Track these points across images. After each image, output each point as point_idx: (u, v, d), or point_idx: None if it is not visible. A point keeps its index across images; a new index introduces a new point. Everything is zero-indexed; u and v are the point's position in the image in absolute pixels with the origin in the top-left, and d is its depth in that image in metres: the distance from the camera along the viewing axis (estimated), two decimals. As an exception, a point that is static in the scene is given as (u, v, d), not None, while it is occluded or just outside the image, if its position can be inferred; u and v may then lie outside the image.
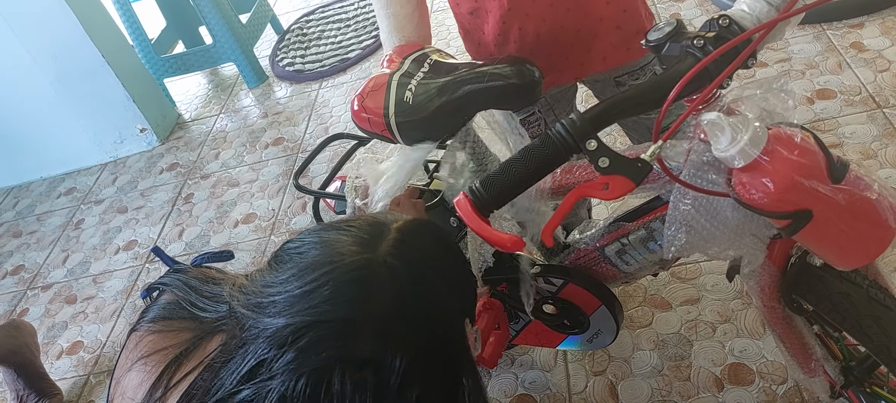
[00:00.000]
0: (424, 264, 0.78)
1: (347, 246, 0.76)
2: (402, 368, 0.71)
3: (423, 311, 0.75)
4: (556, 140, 0.83)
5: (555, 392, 1.75)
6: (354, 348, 0.70)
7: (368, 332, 0.71)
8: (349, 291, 0.73)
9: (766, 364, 1.64)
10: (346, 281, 0.73)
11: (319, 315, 0.71)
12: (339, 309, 0.72)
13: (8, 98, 3.22)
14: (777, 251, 1.07)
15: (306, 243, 0.79)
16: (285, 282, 0.75)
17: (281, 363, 0.70)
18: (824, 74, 2.34)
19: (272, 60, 3.74)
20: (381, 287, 0.73)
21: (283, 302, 0.73)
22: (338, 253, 0.75)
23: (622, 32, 1.36)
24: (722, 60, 0.80)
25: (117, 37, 3.30)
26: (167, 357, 0.80)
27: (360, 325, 0.71)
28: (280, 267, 0.78)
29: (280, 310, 0.73)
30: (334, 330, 0.71)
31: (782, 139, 0.79)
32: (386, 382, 0.71)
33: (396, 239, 0.77)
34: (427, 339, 0.74)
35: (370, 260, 0.75)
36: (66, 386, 2.27)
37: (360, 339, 0.71)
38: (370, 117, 1.32)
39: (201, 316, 0.83)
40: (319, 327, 0.71)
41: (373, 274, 0.74)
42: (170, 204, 2.98)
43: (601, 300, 1.41)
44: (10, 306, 2.74)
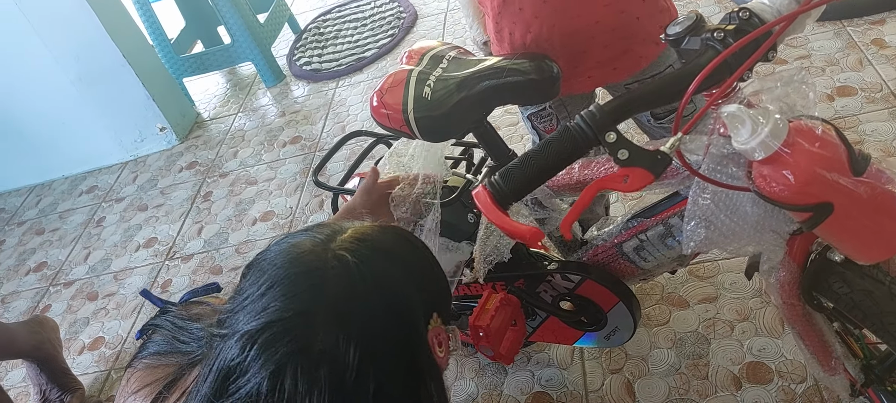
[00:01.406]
0: (379, 255, 0.77)
1: (302, 246, 0.76)
2: (357, 360, 0.70)
3: (378, 301, 0.73)
4: (576, 132, 0.83)
5: (571, 390, 1.75)
6: (309, 342, 0.70)
7: (321, 325, 0.70)
8: (300, 286, 0.72)
9: (786, 362, 1.63)
10: (296, 275, 0.73)
11: (273, 314, 0.71)
12: (291, 304, 0.71)
13: (31, 97, 3.26)
14: (797, 247, 1.06)
15: (268, 251, 0.79)
16: (246, 292, 0.75)
17: (245, 369, 0.70)
18: (845, 71, 2.32)
19: (290, 59, 3.76)
20: (332, 278, 0.72)
21: (245, 312, 0.73)
22: (292, 253, 0.75)
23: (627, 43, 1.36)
24: (742, 53, 0.80)
25: (138, 37, 3.33)
26: (155, 391, 0.82)
27: (312, 318, 0.71)
28: (244, 282, 0.78)
29: (243, 320, 0.73)
30: (287, 326, 0.70)
31: (803, 131, 0.79)
32: (342, 376, 0.70)
33: (351, 236, 0.77)
34: (382, 329, 0.73)
35: (321, 254, 0.74)
36: (87, 381, 2.29)
37: (313, 333, 0.70)
38: (389, 113, 1.33)
39: (184, 350, 0.85)
40: (273, 326, 0.71)
41: (324, 266, 0.73)
42: (189, 202, 3.01)
43: (619, 296, 1.41)
44: (33, 302, 2.78)
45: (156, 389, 0.82)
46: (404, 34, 3.57)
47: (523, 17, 1.34)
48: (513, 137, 2.60)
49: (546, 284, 1.46)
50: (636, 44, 1.36)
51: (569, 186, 1.34)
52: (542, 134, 1.58)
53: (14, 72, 3.17)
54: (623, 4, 1.31)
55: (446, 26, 3.50)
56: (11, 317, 2.72)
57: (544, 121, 1.54)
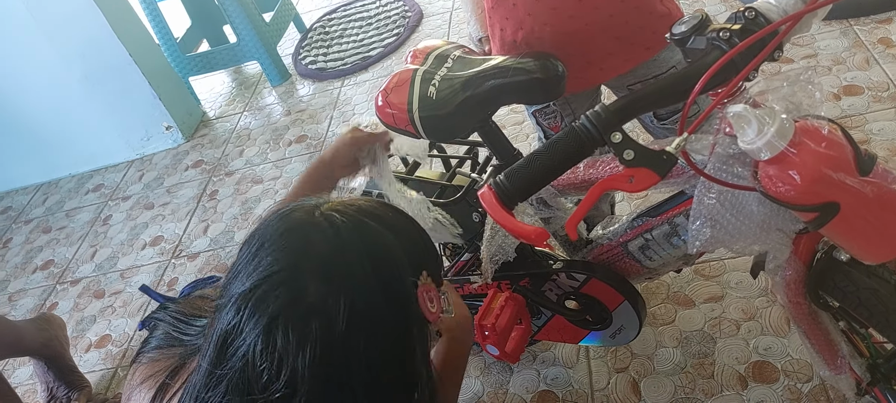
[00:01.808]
0: (365, 215, 0.79)
1: (291, 209, 0.79)
2: (346, 313, 0.72)
3: (366, 256, 0.75)
4: (581, 132, 0.83)
5: (577, 389, 1.75)
6: (298, 296, 0.72)
7: (310, 279, 0.72)
8: (288, 241, 0.75)
9: (791, 361, 1.62)
10: (285, 232, 0.75)
11: (264, 271, 0.73)
12: (281, 260, 0.73)
13: (38, 96, 3.27)
14: (803, 246, 1.06)
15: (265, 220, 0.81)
16: (239, 260, 0.77)
17: (240, 330, 0.72)
18: (851, 70, 2.31)
19: (295, 58, 3.77)
20: (319, 233, 0.75)
21: (238, 278, 0.75)
22: (281, 215, 0.78)
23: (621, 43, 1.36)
24: (748, 53, 0.80)
25: (144, 36, 3.34)
26: (158, 380, 0.84)
27: (301, 272, 0.73)
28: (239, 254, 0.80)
29: (237, 285, 0.75)
30: (277, 280, 0.72)
31: (809, 131, 0.79)
32: (332, 328, 0.71)
33: (337, 201, 0.80)
34: (371, 282, 0.75)
35: (309, 213, 0.77)
36: (94, 379, 2.30)
37: (303, 287, 0.72)
38: (394, 113, 1.33)
39: (188, 341, 0.87)
40: (264, 282, 0.72)
41: (311, 223, 0.76)
42: (195, 200, 3.02)
43: (624, 295, 1.41)
44: (40, 300, 2.79)
45: (159, 379, 0.84)
46: (409, 33, 3.57)
47: (516, 14, 1.35)
48: (518, 136, 2.60)
49: (551, 283, 1.47)
50: (625, 46, 1.36)
51: (574, 185, 1.34)
52: (548, 131, 1.58)
53: (21, 71, 3.19)
54: (613, 8, 1.32)
55: (451, 25, 3.50)
56: (19, 315, 2.74)
57: (549, 118, 1.55)
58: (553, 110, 1.53)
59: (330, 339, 0.71)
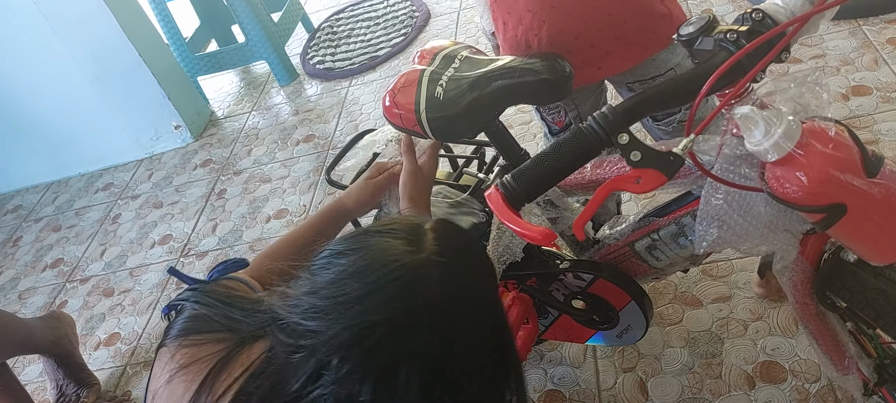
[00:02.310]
0: (462, 256, 0.82)
1: (395, 248, 0.80)
2: (460, 356, 0.76)
3: (470, 298, 0.80)
4: (588, 133, 0.83)
5: (584, 389, 1.75)
6: (415, 343, 0.75)
7: (425, 326, 0.76)
8: (406, 290, 0.77)
9: (799, 362, 1.62)
10: (402, 281, 0.77)
11: (382, 314, 0.75)
12: (398, 307, 0.76)
13: (48, 96, 3.30)
14: (810, 247, 1.06)
15: (350, 249, 0.82)
16: (335, 286, 0.78)
17: (347, 364, 0.74)
18: (860, 70, 2.31)
19: (303, 58, 3.78)
20: (431, 282, 0.77)
21: (341, 306, 0.76)
22: (389, 255, 0.79)
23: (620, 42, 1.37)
24: (755, 54, 0.80)
25: (153, 36, 3.36)
26: (207, 365, 0.83)
27: (418, 321, 0.76)
28: (323, 273, 0.81)
29: (338, 315, 0.76)
30: (396, 327, 0.75)
31: (816, 133, 0.79)
32: (443, 372, 0.76)
33: (435, 238, 0.82)
34: (476, 322, 0.80)
35: (422, 259, 0.79)
36: (103, 377, 2.32)
37: (418, 334, 0.75)
38: (401, 113, 1.34)
39: (237, 327, 0.86)
40: (382, 326, 0.75)
41: (425, 271, 0.78)
42: (204, 199, 3.03)
43: (631, 295, 1.41)
44: (50, 298, 2.81)
45: (208, 364, 0.83)
46: (417, 33, 3.58)
47: (516, 9, 1.37)
48: (525, 136, 2.60)
49: (558, 283, 1.47)
50: (624, 46, 1.37)
51: (581, 185, 1.34)
52: (552, 125, 1.59)
53: (32, 71, 3.21)
54: (612, 7, 1.32)
55: (459, 25, 3.51)
56: (29, 313, 2.76)
57: (552, 112, 1.56)
58: (557, 105, 1.53)
59: (441, 380, 0.76)
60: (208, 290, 0.94)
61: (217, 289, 0.94)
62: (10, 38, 3.11)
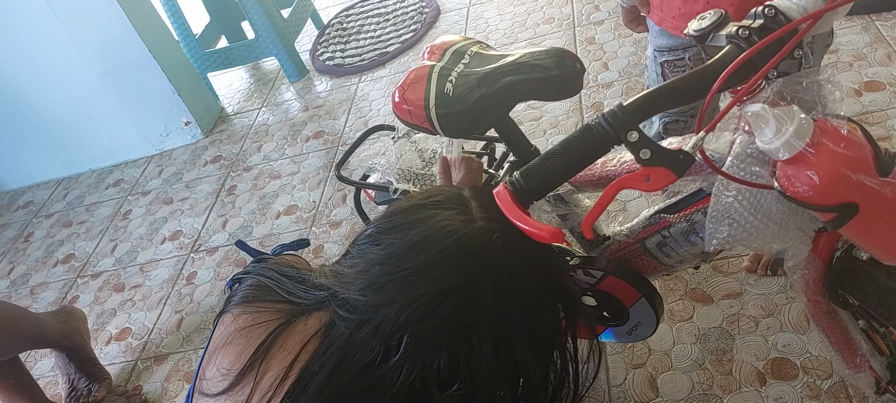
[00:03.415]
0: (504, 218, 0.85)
1: (448, 219, 0.84)
2: (522, 308, 0.81)
3: (523, 253, 0.85)
4: (598, 131, 0.83)
5: (593, 385, 1.74)
6: (483, 306, 0.79)
7: (490, 288, 0.80)
8: (471, 258, 0.81)
9: (811, 359, 1.61)
10: (465, 250, 0.81)
11: (448, 283, 0.79)
12: (464, 274, 0.80)
13: (58, 92, 3.31)
14: (822, 244, 1.05)
15: (401, 225, 0.86)
16: (393, 261, 0.82)
17: (420, 338, 0.78)
18: (873, 66, 2.29)
19: (313, 55, 3.78)
20: (491, 247, 0.82)
21: (403, 281, 0.80)
22: (446, 227, 0.83)
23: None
24: (767, 51, 0.79)
25: (163, 32, 3.37)
26: (264, 330, 0.86)
27: (483, 285, 0.80)
28: (373, 249, 0.85)
29: (401, 289, 0.79)
30: (464, 294, 0.79)
31: (828, 131, 0.78)
32: (510, 327, 0.80)
33: (479, 205, 0.87)
34: (532, 275, 0.85)
35: (478, 228, 0.84)
36: (114, 371, 2.34)
37: (485, 297, 0.80)
38: (411, 109, 1.34)
39: (295, 298, 0.89)
40: (451, 295, 0.78)
41: (484, 238, 0.83)
42: (213, 195, 3.04)
43: (641, 292, 1.40)
44: (61, 293, 2.83)
45: (267, 329, 0.85)
46: (427, 29, 3.57)
47: None
48: (535, 132, 2.60)
49: (568, 280, 1.46)
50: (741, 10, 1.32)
51: (591, 182, 1.33)
52: None
53: (42, 68, 3.23)
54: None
55: (469, 21, 3.50)
56: (40, 308, 2.78)
57: (678, 71, 1.53)
58: (686, 64, 1.51)
59: (512, 341, 0.80)
60: (270, 263, 0.98)
61: (279, 262, 0.98)
62: (20, 34, 3.12)
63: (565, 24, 3.16)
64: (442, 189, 0.96)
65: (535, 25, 3.25)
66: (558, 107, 2.68)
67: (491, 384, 0.81)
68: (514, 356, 0.82)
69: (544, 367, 0.88)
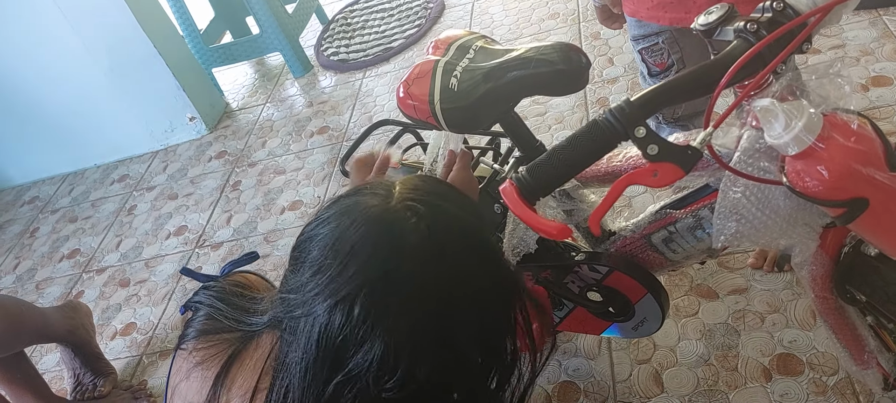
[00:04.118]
0: (436, 197, 0.82)
1: (367, 204, 0.80)
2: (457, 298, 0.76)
3: (454, 239, 0.79)
4: (604, 127, 0.82)
5: (599, 380, 1.75)
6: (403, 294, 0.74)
7: (409, 276, 0.75)
8: (382, 241, 0.76)
9: (817, 355, 1.61)
10: (374, 231, 0.76)
11: (363, 277, 0.74)
12: (377, 263, 0.75)
13: (64, 88, 3.32)
14: (830, 240, 1.04)
15: (326, 218, 0.82)
16: (316, 265, 0.78)
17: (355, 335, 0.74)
18: (880, 61, 2.27)
19: (317, 50, 3.78)
20: (407, 228, 0.77)
21: (322, 286, 0.76)
22: (363, 211, 0.79)
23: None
24: (776, 45, 0.79)
25: (168, 27, 3.37)
26: (219, 361, 0.86)
27: (402, 272, 0.75)
28: (309, 252, 0.80)
29: (322, 295, 0.75)
30: (380, 283, 0.74)
31: (838, 125, 0.78)
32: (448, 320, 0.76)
33: (403, 188, 0.82)
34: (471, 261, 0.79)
35: (395, 208, 0.78)
36: (119, 366, 2.34)
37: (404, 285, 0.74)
38: (415, 104, 1.33)
39: (242, 325, 0.89)
40: (367, 287, 0.74)
41: (399, 217, 0.77)
42: (218, 191, 3.05)
43: (647, 287, 1.40)
44: (66, 288, 2.84)
45: (214, 368, 0.85)
46: (431, 24, 3.56)
47: None
48: (540, 128, 2.59)
49: (573, 275, 1.46)
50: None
51: (597, 177, 1.33)
52: (652, 67, 1.56)
53: (48, 64, 3.23)
54: None
55: (473, 16, 3.49)
56: (46, 303, 2.78)
57: (655, 54, 1.53)
58: (661, 47, 1.51)
59: (447, 328, 0.76)
60: (217, 290, 0.96)
61: (225, 288, 0.96)
62: (26, 30, 3.13)
63: (570, 20, 3.15)
64: (373, 180, 0.92)
65: (540, 20, 3.24)
66: (563, 102, 2.67)
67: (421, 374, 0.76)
68: (444, 344, 0.76)
69: (487, 356, 0.82)
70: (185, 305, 1.00)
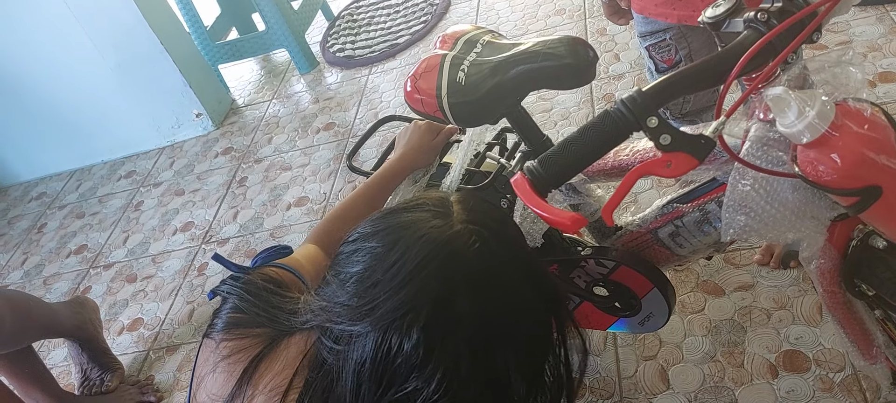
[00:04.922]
0: (489, 219, 0.82)
1: (426, 223, 0.79)
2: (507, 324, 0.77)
3: (507, 261, 0.79)
4: (616, 117, 0.82)
5: (604, 376, 1.75)
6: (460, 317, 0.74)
7: (468, 299, 0.75)
8: (446, 263, 0.76)
9: (824, 351, 1.61)
10: (441, 255, 0.76)
11: (424, 298, 0.74)
12: (438, 284, 0.75)
13: (71, 84, 3.33)
14: (837, 234, 1.04)
15: (380, 230, 0.81)
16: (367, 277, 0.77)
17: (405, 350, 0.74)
18: (887, 57, 2.27)
19: (323, 46, 3.78)
20: (468, 252, 0.77)
21: (377, 300, 0.75)
22: (422, 232, 0.78)
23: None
24: (786, 34, 0.79)
25: (175, 24, 3.38)
26: (248, 356, 0.85)
27: (461, 294, 0.75)
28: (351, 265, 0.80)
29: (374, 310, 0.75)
30: (440, 305, 0.74)
31: (851, 113, 0.77)
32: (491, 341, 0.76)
33: (461, 208, 0.81)
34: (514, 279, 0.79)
35: (458, 231, 0.78)
36: (126, 361, 2.35)
37: (461, 308, 0.75)
38: (423, 98, 1.33)
39: (274, 323, 0.88)
40: (426, 308, 0.74)
41: (461, 242, 0.77)
42: (225, 187, 3.05)
43: (654, 282, 1.40)
44: (74, 284, 2.85)
45: (249, 355, 0.85)
46: (437, 21, 3.57)
47: None
48: (546, 123, 2.59)
49: (580, 270, 1.46)
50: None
51: (604, 172, 1.33)
52: (659, 63, 1.56)
53: (55, 60, 3.24)
54: None
55: (479, 13, 3.49)
56: (53, 298, 2.79)
57: (662, 50, 1.53)
58: (668, 43, 1.51)
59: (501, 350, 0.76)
60: (250, 283, 0.95)
61: (258, 282, 0.95)
62: (33, 26, 3.14)
63: (576, 16, 3.15)
64: (428, 193, 0.90)
65: (546, 16, 3.23)
66: (569, 98, 2.67)
67: (471, 395, 0.76)
68: (496, 365, 0.77)
69: (531, 375, 0.82)
70: (213, 290, 0.99)
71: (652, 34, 1.52)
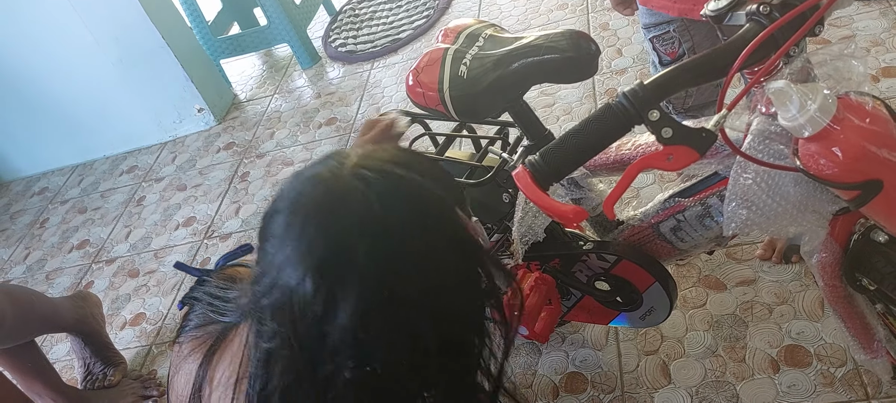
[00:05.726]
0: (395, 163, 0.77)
1: (317, 170, 0.77)
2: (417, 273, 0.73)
3: (411, 208, 0.75)
4: (618, 110, 0.82)
5: (606, 371, 1.75)
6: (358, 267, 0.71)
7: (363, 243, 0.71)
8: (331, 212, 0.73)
9: (825, 346, 1.60)
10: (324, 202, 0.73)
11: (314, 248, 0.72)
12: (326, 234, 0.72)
13: (73, 79, 3.33)
14: (839, 228, 1.04)
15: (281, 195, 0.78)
16: (269, 244, 0.76)
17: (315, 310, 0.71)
18: (890, 52, 2.26)
19: (325, 41, 3.78)
20: (358, 191, 0.73)
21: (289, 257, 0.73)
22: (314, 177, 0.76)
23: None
24: (788, 27, 0.79)
25: (176, 19, 3.38)
26: (202, 352, 0.89)
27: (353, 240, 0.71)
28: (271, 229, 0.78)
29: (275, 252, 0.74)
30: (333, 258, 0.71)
31: (852, 107, 0.77)
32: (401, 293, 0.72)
33: (361, 153, 0.78)
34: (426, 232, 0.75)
35: (348, 171, 0.75)
36: (129, 356, 2.35)
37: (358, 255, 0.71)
38: (425, 92, 1.33)
39: (222, 319, 0.90)
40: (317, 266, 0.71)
41: (351, 182, 0.74)
42: (227, 182, 3.05)
43: (655, 277, 1.40)
44: (76, 278, 2.85)
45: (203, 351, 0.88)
46: (439, 15, 3.56)
47: None
48: (548, 118, 2.59)
49: (581, 264, 1.46)
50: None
51: (606, 166, 1.33)
52: (663, 56, 1.56)
53: (57, 55, 3.24)
54: None
55: (482, 7, 3.48)
56: (56, 293, 2.80)
57: (666, 43, 1.53)
58: (672, 35, 1.51)
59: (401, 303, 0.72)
60: (208, 286, 0.97)
61: (216, 282, 0.97)
62: (35, 21, 3.14)
63: (579, 10, 3.15)
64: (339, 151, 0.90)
65: (549, 11, 3.23)
66: (571, 93, 2.66)
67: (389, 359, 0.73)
68: (408, 317, 0.73)
69: (458, 335, 0.78)
70: (182, 300, 1.01)
71: (656, 26, 1.52)
